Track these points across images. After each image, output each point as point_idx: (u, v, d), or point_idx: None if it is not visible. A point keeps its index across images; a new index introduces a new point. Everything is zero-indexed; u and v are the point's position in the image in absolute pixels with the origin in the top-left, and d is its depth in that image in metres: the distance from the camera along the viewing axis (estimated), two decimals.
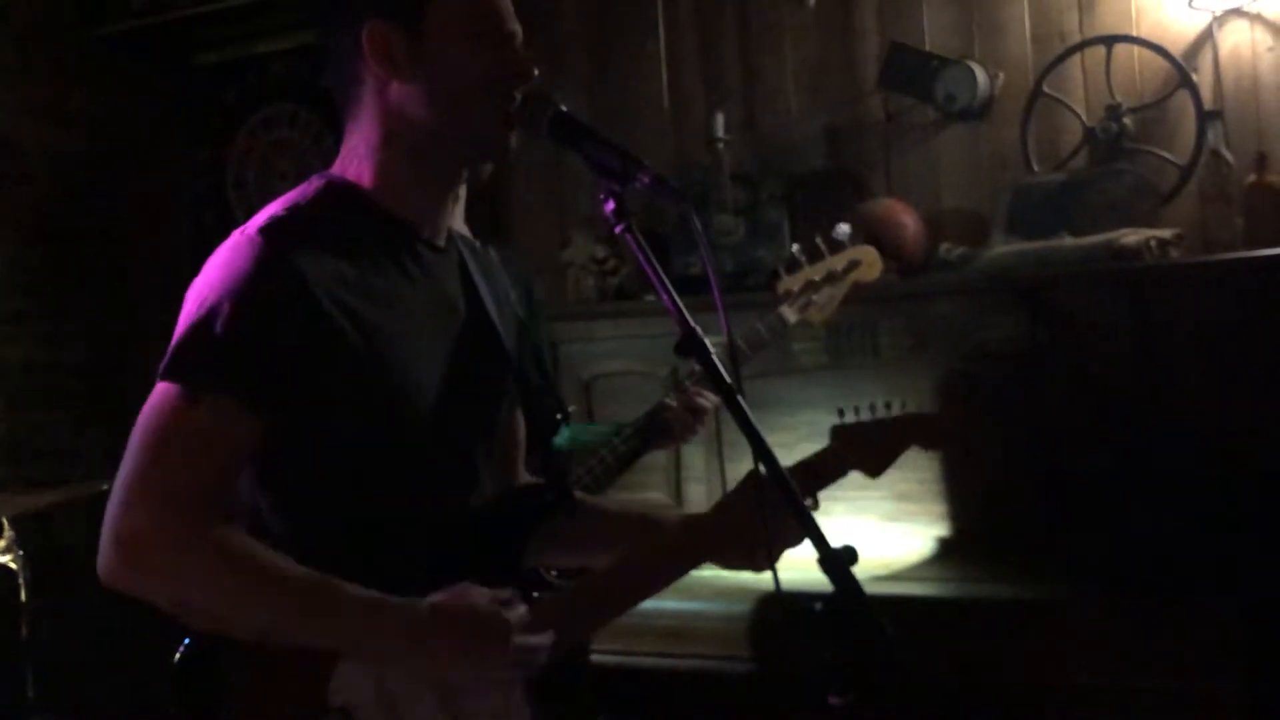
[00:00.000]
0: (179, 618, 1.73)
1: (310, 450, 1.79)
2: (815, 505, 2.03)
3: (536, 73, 1.87)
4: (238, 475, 1.74)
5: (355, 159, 1.89)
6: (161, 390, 1.70)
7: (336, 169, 1.91)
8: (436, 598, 1.75)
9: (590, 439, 2.95)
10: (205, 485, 1.68)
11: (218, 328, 1.69)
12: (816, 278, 2.89)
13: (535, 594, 1.90)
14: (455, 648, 1.74)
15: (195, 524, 1.66)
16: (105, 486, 3.38)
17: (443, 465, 1.90)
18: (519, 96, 1.84)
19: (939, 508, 3.32)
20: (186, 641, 1.81)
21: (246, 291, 1.71)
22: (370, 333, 1.78)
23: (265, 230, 1.77)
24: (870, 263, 2.90)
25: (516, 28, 1.88)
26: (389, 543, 1.84)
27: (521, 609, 1.80)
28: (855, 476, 2.14)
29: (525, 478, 2.15)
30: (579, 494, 2.14)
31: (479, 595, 1.77)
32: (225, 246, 1.78)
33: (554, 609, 1.88)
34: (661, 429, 2.91)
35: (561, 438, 2.85)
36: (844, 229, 2.98)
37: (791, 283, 2.90)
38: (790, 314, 2.89)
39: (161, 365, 1.71)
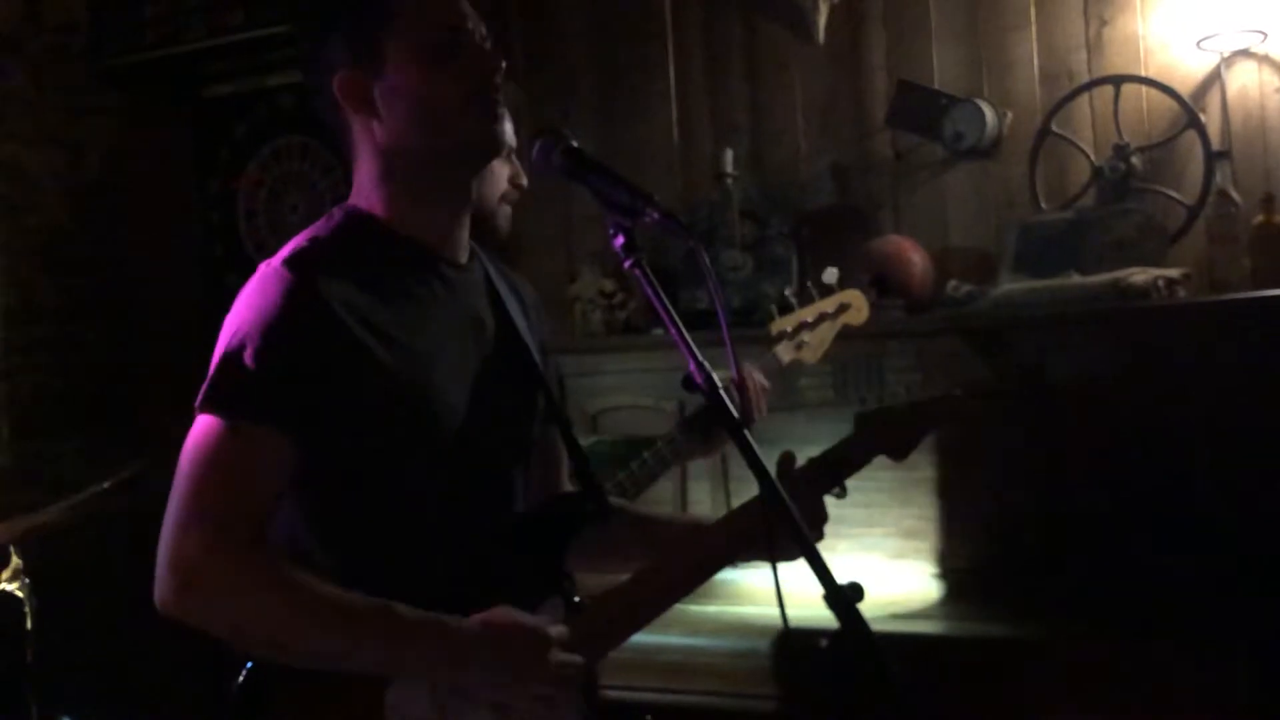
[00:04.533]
0: (235, 645, 1.76)
1: (347, 472, 1.82)
2: (842, 494, 2.09)
3: (504, 64, 1.90)
4: (280, 500, 1.78)
5: (365, 192, 1.93)
6: (202, 423, 1.75)
7: (352, 201, 1.94)
8: (481, 616, 1.78)
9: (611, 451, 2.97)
10: (251, 512, 1.73)
11: (249, 358, 1.73)
12: (809, 319, 2.95)
13: (577, 600, 1.93)
14: (499, 663, 1.77)
15: (247, 550, 1.70)
16: (106, 484, 3.41)
17: (478, 480, 1.92)
18: (498, 90, 1.88)
19: (944, 545, 3.31)
20: (249, 665, 1.82)
21: (274, 321, 1.75)
22: (399, 355, 1.81)
23: (289, 261, 1.81)
24: (858, 306, 2.98)
25: (474, 25, 1.90)
26: (428, 559, 1.87)
27: (560, 627, 1.83)
28: (859, 513, 2.14)
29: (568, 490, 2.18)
30: (614, 500, 2.16)
31: (520, 614, 1.81)
32: (252, 280, 1.82)
33: (588, 619, 1.92)
34: (701, 433, 2.89)
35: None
36: (833, 273, 3.04)
37: (784, 323, 2.96)
38: (784, 354, 2.95)
39: (198, 398, 1.76)
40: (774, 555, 1.75)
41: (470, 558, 1.89)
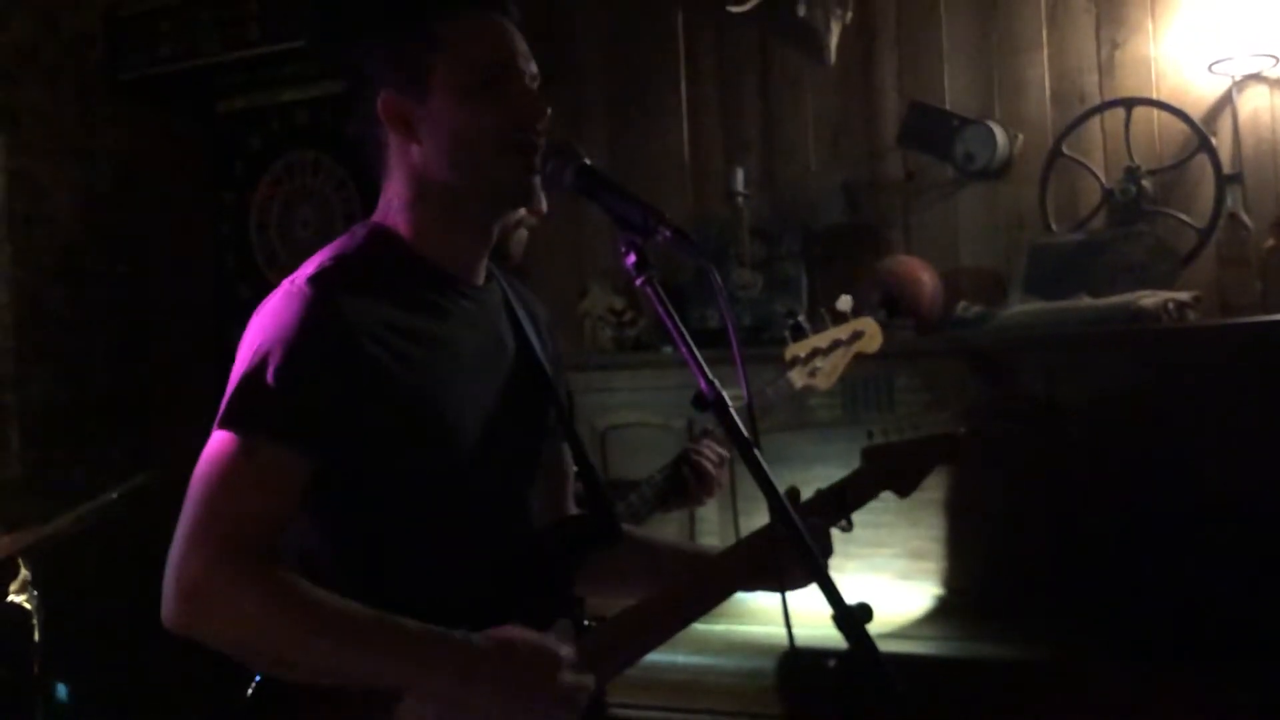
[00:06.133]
0: (243, 662, 1.75)
1: (364, 489, 1.82)
2: (848, 527, 2.12)
3: (549, 112, 1.89)
4: (292, 517, 1.77)
5: (392, 211, 1.93)
6: (218, 439, 1.74)
7: (378, 217, 1.95)
8: (492, 631, 1.77)
9: None
10: (261, 530, 1.72)
11: (270, 377, 1.73)
12: (822, 345, 2.96)
13: (586, 623, 1.94)
14: (507, 680, 1.76)
15: (252, 567, 1.69)
16: (114, 494, 3.41)
17: (491, 499, 1.92)
18: (540, 138, 1.87)
19: (952, 566, 3.31)
20: (258, 679, 1.82)
21: (296, 340, 1.75)
22: (418, 374, 1.82)
23: (314, 280, 1.81)
24: (872, 334, 3.00)
25: (526, 67, 1.91)
26: (442, 576, 1.87)
27: (569, 648, 1.82)
28: (867, 534, 2.15)
29: (574, 510, 2.18)
30: (626, 526, 2.16)
31: (531, 632, 1.80)
32: (275, 297, 1.82)
33: (596, 641, 1.93)
34: (677, 488, 2.90)
35: None
36: (847, 300, 3.06)
37: (798, 349, 2.98)
38: (797, 379, 2.97)
39: (218, 414, 1.75)
40: (783, 580, 1.75)
41: (483, 576, 1.89)
